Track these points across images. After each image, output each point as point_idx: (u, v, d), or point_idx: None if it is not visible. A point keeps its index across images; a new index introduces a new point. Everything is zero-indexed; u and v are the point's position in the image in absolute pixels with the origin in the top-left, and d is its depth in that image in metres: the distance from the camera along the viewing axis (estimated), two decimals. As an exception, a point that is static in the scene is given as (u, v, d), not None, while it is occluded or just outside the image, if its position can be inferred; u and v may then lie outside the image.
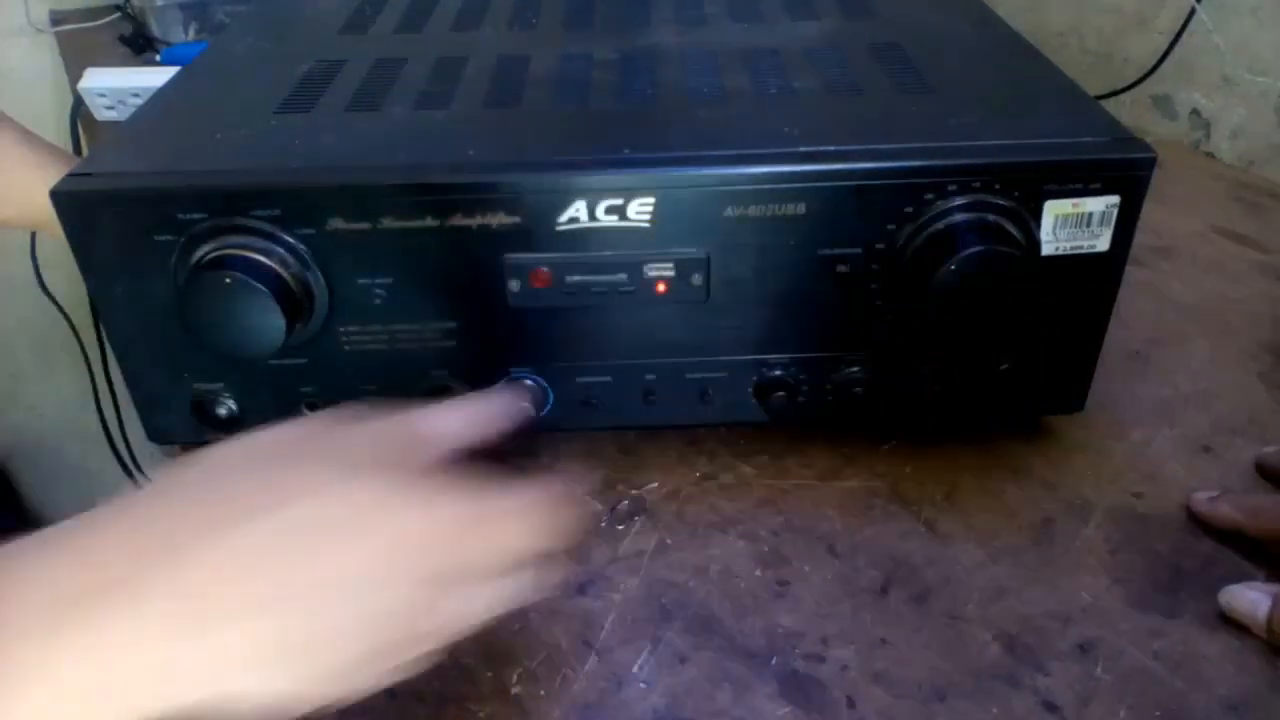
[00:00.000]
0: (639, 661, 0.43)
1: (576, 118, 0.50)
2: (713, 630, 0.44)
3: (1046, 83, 0.53)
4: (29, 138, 0.60)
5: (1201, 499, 0.49)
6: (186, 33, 1.06)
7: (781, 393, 0.50)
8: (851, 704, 0.41)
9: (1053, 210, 0.45)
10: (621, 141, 0.46)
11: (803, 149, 0.45)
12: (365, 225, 0.45)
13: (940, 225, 0.45)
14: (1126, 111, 0.96)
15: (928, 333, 0.48)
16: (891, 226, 0.45)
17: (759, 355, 0.50)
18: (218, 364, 0.48)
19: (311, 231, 0.45)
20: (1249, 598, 0.43)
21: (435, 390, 0.50)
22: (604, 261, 0.46)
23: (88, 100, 0.90)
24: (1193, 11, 0.86)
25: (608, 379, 0.50)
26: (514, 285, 0.46)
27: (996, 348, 0.50)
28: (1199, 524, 0.49)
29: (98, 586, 0.27)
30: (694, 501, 0.51)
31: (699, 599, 0.46)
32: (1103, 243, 0.46)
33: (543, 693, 0.42)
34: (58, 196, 0.44)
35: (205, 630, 0.28)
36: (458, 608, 0.32)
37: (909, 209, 0.45)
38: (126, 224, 0.44)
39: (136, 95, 0.89)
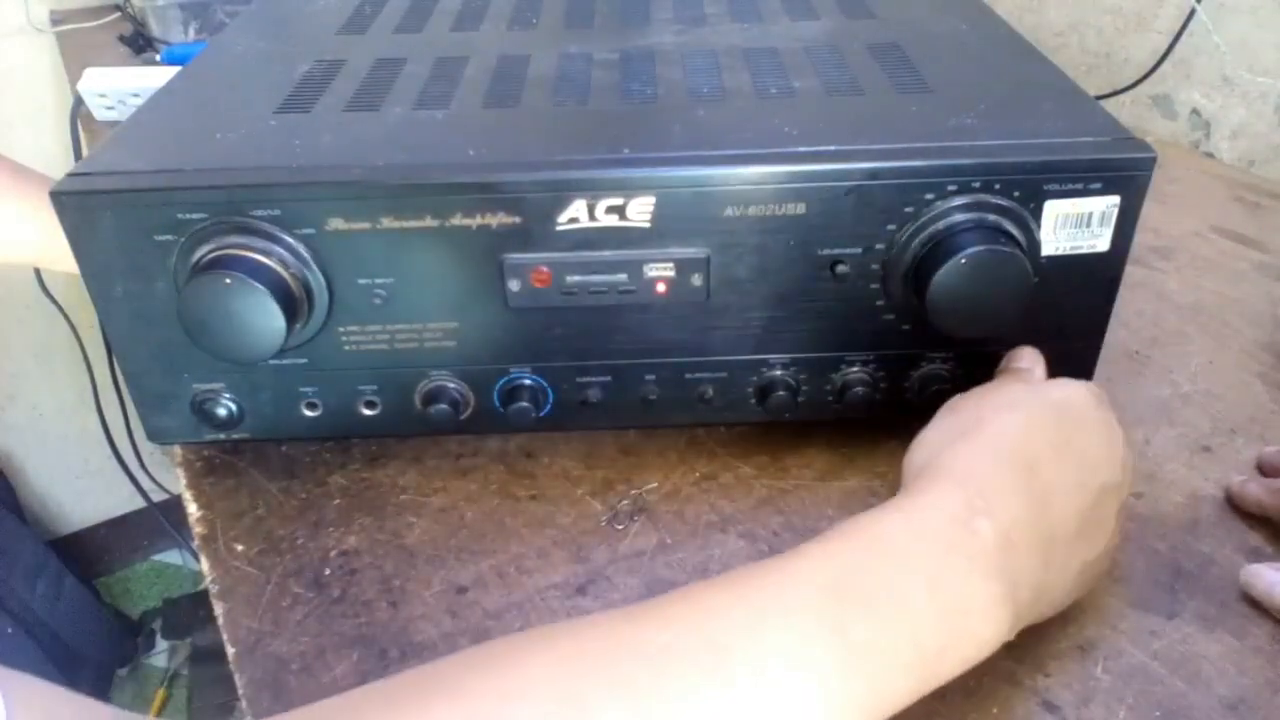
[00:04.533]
0: (639, 661, 0.43)
1: (576, 118, 0.50)
2: (713, 630, 0.44)
3: (1046, 83, 0.53)
4: (19, 173, 0.61)
5: (1236, 480, 0.50)
6: (186, 33, 1.06)
7: (781, 393, 0.50)
8: (851, 704, 0.41)
9: (1053, 210, 0.45)
10: (621, 141, 0.46)
11: (803, 149, 0.45)
12: (365, 225, 0.45)
13: (940, 225, 0.45)
14: (1126, 111, 0.96)
15: (928, 333, 0.48)
16: (891, 226, 0.45)
17: (759, 355, 0.50)
18: (218, 364, 0.48)
19: (311, 231, 0.45)
20: (1269, 579, 0.44)
21: (435, 391, 0.50)
22: (604, 261, 0.46)
23: (88, 100, 0.90)
24: (1193, 11, 0.86)
25: (608, 379, 0.50)
26: (514, 285, 0.46)
27: (996, 348, 0.50)
28: (1200, 523, 0.49)
29: None
30: (694, 501, 0.51)
31: (699, 599, 0.46)
32: (1103, 243, 0.46)
33: (543, 693, 0.41)
34: (58, 197, 0.44)
35: None
36: None
37: (909, 209, 0.45)
38: (126, 224, 0.44)
39: (136, 95, 0.89)
